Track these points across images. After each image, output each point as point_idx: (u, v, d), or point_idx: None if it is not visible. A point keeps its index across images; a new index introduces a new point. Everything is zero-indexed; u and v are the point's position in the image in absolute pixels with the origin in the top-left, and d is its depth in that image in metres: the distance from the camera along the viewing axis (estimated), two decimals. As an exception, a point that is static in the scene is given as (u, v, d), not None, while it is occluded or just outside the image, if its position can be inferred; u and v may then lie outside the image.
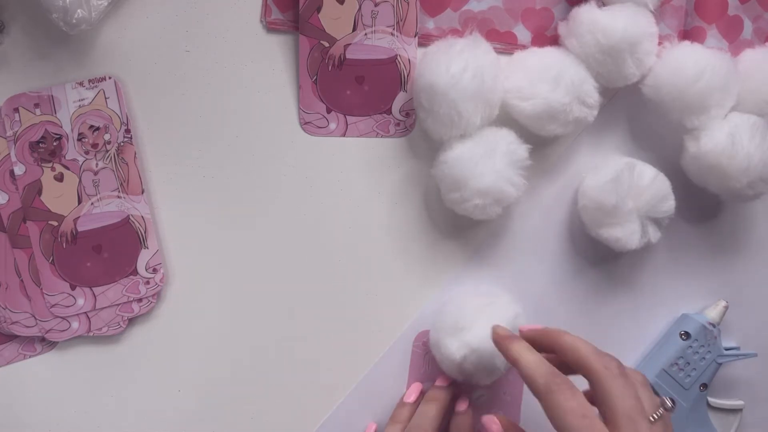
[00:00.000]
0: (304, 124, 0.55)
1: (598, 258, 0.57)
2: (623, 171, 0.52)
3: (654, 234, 0.53)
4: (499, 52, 0.54)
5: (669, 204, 0.53)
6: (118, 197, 0.53)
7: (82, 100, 0.52)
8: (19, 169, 0.52)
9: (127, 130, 0.53)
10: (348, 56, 0.54)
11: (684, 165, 0.55)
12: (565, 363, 0.44)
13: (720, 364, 0.55)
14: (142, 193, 0.53)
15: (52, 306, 0.53)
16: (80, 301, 0.53)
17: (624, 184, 0.52)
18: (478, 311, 0.51)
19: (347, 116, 0.55)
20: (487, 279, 0.56)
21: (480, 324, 0.50)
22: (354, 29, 0.53)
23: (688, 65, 0.52)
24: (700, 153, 0.53)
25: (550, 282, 0.57)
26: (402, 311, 0.55)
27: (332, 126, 0.55)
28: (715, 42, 0.57)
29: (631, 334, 0.58)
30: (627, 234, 0.52)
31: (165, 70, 0.53)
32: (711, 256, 0.59)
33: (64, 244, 0.52)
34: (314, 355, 0.56)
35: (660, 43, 0.54)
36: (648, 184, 0.52)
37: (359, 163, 0.55)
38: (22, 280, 0.53)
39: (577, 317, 0.57)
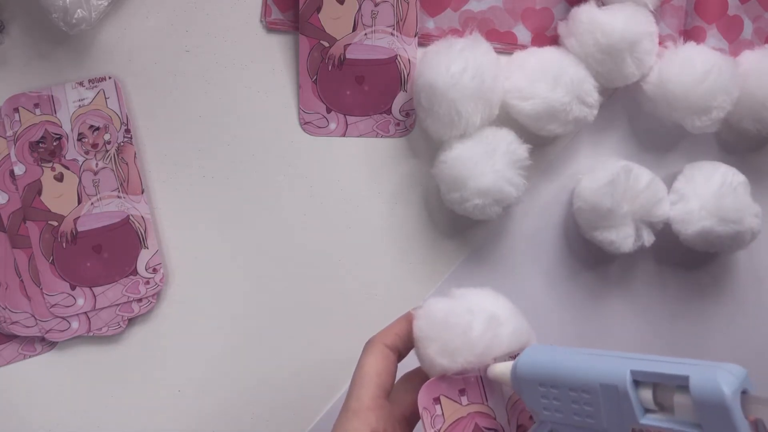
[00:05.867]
0: (304, 124, 0.55)
1: (593, 260, 0.57)
2: (620, 174, 0.52)
3: (648, 237, 0.53)
4: (499, 52, 0.54)
5: (664, 208, 0.53)
6: (118, 197, 0.53)
7: (82, 100, 0.52)
8: (19, 169, 0.52)
9: (127, 130, 0.53)
10: (348, 56, 0.54)
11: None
12: None
13: None
14: (142, 193, 0.53)
15: (52, 306, 0.52)
16: (80, 301, 0.53)
17: (620, 187, 0.52)
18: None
19: (347, 116, 0.55)
20: (486, 279, 0.56)
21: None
22: (354, 29, 0.53)
23: (696, 64, 0.52)
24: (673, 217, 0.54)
25: (546, 283, 0.57)
26: (402, 311, 0.55)
27: (332, 126, 0.55)
28: (715, 42, 0.57)
29: (623, 337, 0.58)
30: (621, 237, 0.52)
31: (165, 70, 0.53)
32: (703, 259, 0.59)
33: (64, 244, 0.52)
34: (313, 354, 0.55)
35: (660, 43, 0.54)
36: (644, 188, 0.52)
37: (359, 163, 0.55)
38: (22, 280, 0.53)
39: (570, 318, 0.57)
